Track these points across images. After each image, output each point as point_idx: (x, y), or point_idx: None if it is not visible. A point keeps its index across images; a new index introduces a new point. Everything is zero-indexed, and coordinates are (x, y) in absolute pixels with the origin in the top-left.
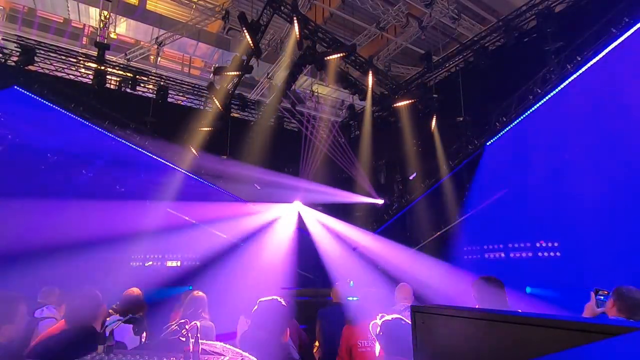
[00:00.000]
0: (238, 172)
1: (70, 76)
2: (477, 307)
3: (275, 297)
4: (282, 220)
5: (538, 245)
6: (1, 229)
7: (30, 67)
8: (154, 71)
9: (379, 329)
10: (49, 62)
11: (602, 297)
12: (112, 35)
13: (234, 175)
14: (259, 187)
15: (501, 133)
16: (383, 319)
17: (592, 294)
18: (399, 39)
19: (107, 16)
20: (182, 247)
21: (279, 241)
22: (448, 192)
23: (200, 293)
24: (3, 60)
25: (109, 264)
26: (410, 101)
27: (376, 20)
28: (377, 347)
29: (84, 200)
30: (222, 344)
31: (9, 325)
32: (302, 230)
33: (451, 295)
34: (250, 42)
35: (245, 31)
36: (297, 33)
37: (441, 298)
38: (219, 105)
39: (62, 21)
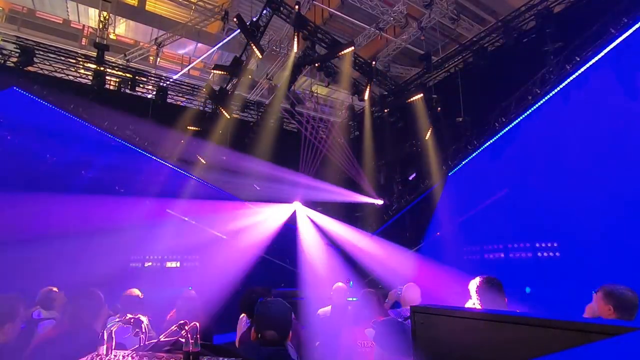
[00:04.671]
0: (239, 167)
1: (70, 77)
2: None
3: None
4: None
5: (538, 245)
6: (1, 229)
7: (30, 68)
8: (154, 72)
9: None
10: (48, 63)
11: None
12: (112, 36)
13: (236, 170)
14: (258, 188)
15: (500, 133)
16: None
17: (594, 295)
18: (398, 39)
19: (107, 17)
20: (181, 247)
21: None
22: (448, 192)
23: (192, 293)
24: (2, 61)
25: (109, 265)
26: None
27: (375, 20)
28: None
29: (83, 200)
30: None
31: (9, 324)
32: (289, 226)
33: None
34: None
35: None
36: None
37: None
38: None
39: (61, 22)
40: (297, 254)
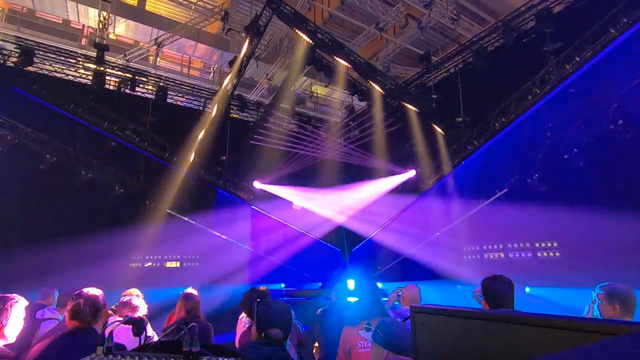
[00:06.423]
0: None
1: (70, 77)
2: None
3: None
4: None
5: (538, 245)
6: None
7: (30, 68)
8: (153, 72)
9: (377, 330)
10: (48, 63)
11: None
12: (111, 36)
13: None
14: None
15: (500, 133)
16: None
17: (595, 294)
18: (398, 39)
19: (106, 17)
20: (181, 247)
21: None
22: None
23: (191, 290)
24: (2, 61)
25: (109, 265)
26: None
27: (375, 20)
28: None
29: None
30: None
31: (10, 324)
32: None
33: None
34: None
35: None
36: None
37: None
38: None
39: (61, 22)
40: None
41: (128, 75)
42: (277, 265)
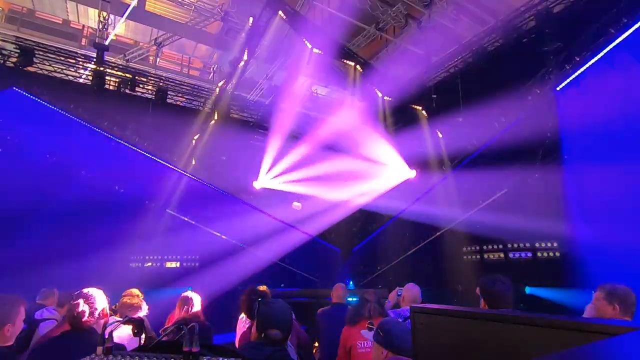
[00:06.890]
0: None
1: (69, 77)
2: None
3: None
4: None
5: (538, 245)
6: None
7: (29, 68)
8: (153, 72)
9: (378, 330)
10: (48, 63)
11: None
12: (111, 36)
13: None
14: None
15: (500, 133)
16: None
17: (594, 294)
18: (398, 39)
19: (106, 17)
20: (181, 247)
21: None
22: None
23: (190, 293)
24: (2, 61)
25: (109, 265)
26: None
27: (375, 20)
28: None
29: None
30: None
31: (9, 325)
32: None
33: None
34: None
35: None
36: None
37: None
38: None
39: (61, 22)
40: None
41: (128, 75)
42: (277, 265)
